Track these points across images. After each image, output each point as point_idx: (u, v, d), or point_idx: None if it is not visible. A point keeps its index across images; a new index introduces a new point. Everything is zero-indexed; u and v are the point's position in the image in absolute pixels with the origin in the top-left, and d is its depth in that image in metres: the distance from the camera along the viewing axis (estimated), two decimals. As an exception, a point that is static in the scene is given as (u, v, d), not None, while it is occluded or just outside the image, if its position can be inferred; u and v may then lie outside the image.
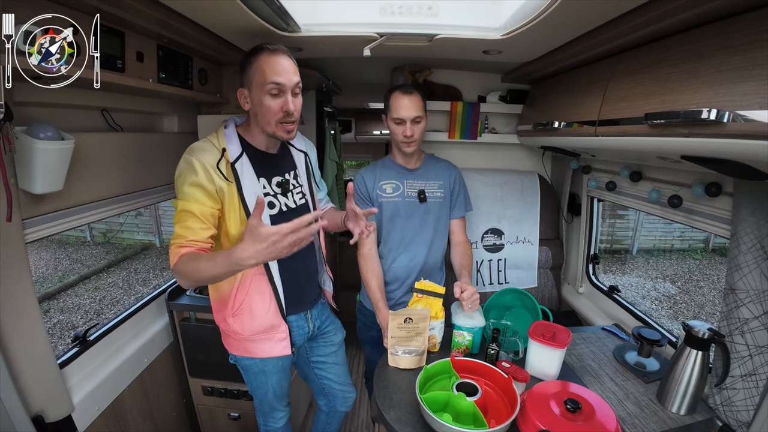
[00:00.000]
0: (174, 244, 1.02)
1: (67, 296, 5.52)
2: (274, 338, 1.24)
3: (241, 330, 1.22)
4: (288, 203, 1.23)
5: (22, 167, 0.96)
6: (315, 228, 0.89)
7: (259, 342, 1.24)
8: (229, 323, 1.22)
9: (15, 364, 1.01)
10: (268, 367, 1.29)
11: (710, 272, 6.60)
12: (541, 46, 1.37)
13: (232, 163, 1.09)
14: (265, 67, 1.05)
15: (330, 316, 1.49)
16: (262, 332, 1.23)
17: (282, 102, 1.07)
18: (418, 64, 1.93)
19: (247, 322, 1.21)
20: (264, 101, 1.07)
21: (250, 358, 1.27)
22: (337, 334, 1.50)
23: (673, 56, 0.96)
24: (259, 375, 1.31)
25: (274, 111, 1.07)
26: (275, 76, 1.04)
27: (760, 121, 0.71)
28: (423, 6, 1.25)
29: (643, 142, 1.03)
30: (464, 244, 1.58)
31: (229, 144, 1.11)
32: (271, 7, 1.06)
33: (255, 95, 1.08)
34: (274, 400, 1.39)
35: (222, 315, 1.24)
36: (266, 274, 1.19)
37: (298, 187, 1.28)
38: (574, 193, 2.03)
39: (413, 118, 1.40)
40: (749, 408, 1.04)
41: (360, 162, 8.02)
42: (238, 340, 1.25)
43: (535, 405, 1.01)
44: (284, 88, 1.06)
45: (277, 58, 1.06)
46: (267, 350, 1.25)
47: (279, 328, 1.24)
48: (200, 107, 1.77)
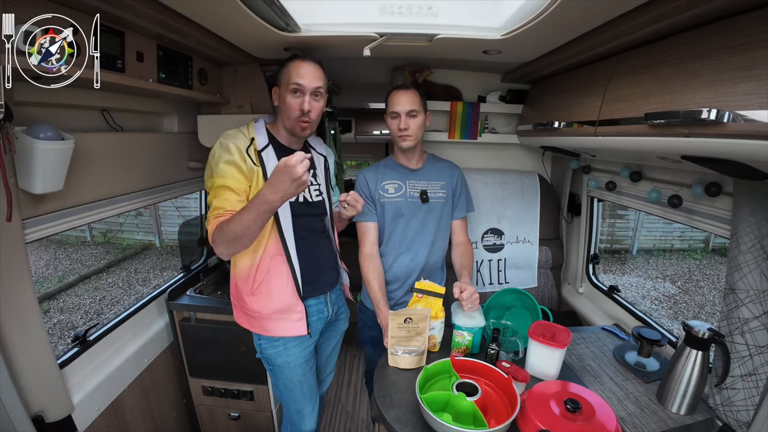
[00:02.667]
0: (212, 216, 1.12)
1: (67, 296, 5.51)
2: (291, 318, 1.29)
3: (260, 309, 1.27)
4: (306, 196, 1.31)
5: (22, 167, 0.96)
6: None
7: (276, 321, 1.29)
8: (248, 302, 1.28)
9: (15, 364, 1.01)
10: (292, 356, 1.32)
11: (710, 272, 6.59)
12: (541, 46, 1.37)
13: (259, 150, 1.21)
14: (293, 69, 1.20)
15: (344, 305, 1.55)
16: (279, 312, 1.28)
17: (300, 101, 1.20)
18: (418, 64, 1.93)
19: (265, 302, 1.27)
20: (286, 98, 1.20)
21: (272, 344, 1.31)
22: (345, 321, 1.56)
23: (673, 56, 0.96)
24: (284, 369, 1.34)
25: (293, 108, 1.20)
26: (298, 78, 1.18)
27: (760, 121, 0.71)
28: (423, 6, 1.25)
29: (643, 142, 1.03)
30: (465, 244, 1.58)
31: (258, 135, 1.23)
32: (271, 7, 1.06)
33: (282, 93, 1.23)
34: (302, 401, 1.39)
35: (241, 294, 1.30)
36: (285, 254, 1.25)
37: (316, 185, 1.36)
38: (574, 193, 2.03)
39: (408, 111, 1.41)
40: (749, 408, 1.04)
41: (360, 162, 8.03)
42: (257, 318, 1.30)
43: (535, 405, 1.01)
44: (304, 90, 1.19)
45: (304, 63, 1.20)
46: (284, 329, 1.29)
47: (296, 309, 1.29)
48: (200, 107, 1.77)
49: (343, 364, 2.89)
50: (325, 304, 1.39)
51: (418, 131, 1.45)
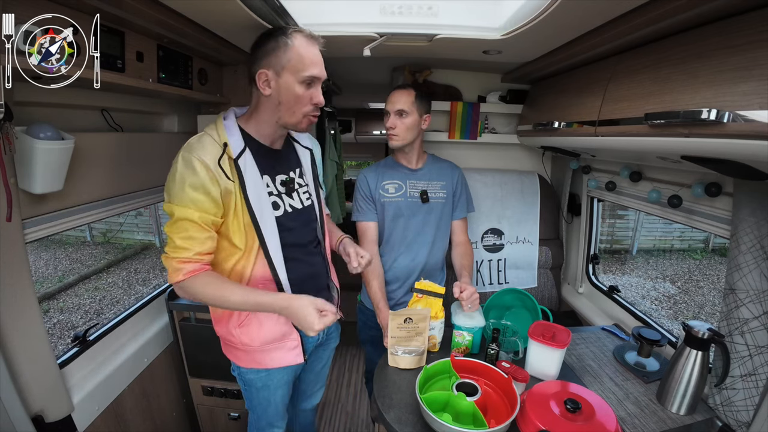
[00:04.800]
0: (174, 259, 0.95)
1: (66, 296, 5.51)
2: (285, 346, 1.16)
3: (250, 341, 1.13)
4: (294, 204, 1.14)
5: (22, 167, 0.96)
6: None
7: (270, 352, 1.16)
8: (235, 335, 1.13)
9: (15, 364, 1.01)
10: (274, 381, 1.21)
11: (710, 272, 6.60)
12: (541, 46, 1.37)
13: (235, 159, 0.99)
14: (305, 53, 0.98)
15: (335, 322, 1.46)
16: (273, 342, 1.15)
17: (314, 93, 1.02)
18: (418, 64, 1.93)
19: (256, 333, 1.12)
20: (296, 89, 0.99)
21: (255, 372, 1.19)
22: (335, 339, 1.45)
23: (673, 56, 0.96)
24: (262, 390, 1.23)
25: (305, 101, 1.01)
26: (314, 68, 0.99)
27: (760, 121, 0.71)
28: (423, 6, 1.25)
29: (643, 142, 1.03)
30: (465, 244, 1.58)
31: (230, 137, 1.00)
32: (271, 7, 1.06)
33: (285, 81, 0.99)
34: (274, 416, 1.29)
35: (225, 327, 1.14)
36: (273, 279, 1.09)
37: (304, 186, 1.20)
38: (574, 193, 2.03)
39: (396, 110, 1.40)
40: (749, 408, 1.04)
41: (360, 162, 8.02)
42: (246, 352, 1.16)
43: (535, 405, 1.01)
44: (317, 82, 1.02)
45: (316, 49, 1.02)
46: (278, 359, 1.17)
47: (290, 336, 1.16)
48: (200, 107, 1.77)
49: (343, 364, 2.89)
50: None
51: (406, 132, 1.43)
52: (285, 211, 1.11)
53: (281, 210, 1.11)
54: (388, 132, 1.45)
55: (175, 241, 0.95)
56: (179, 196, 0.94)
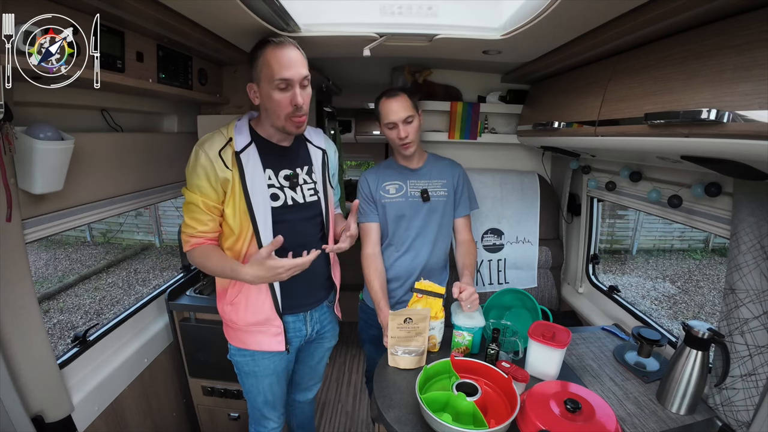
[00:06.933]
0: (185, 233, 1.13)
1: (66, 296, 5.51)
2: (268, 332, 1.24)
3: (237, 319, 1.23)
4: (296, 197, 1.20)
5: (22, 167, 0.96)
6: (313, 257, 1.07)
7: (253, 333, 1.24)
8: (226, 311, 1.24)
9: (15, 364, 1.01)
10: (260, 368, 1.28)
11: (710, 272, 6.60)
12: (541, 47, 1.37)
13: (237, 152, 1.11)
14: (272, 61, 1.04)
15: (332, 321, 1.46)
16: (256, 324, 1.23)
17: (291, 95, 1.07)
18: (418, 64, 1.93)
19: (242, 313, 1.22)
20: (273, 95, 1.07)
21: (242, 353, 1.27)
22: (330, 339, 1.48)
23: (673, 56, 0.96)
24: (250, 376, 1.30)
25: (283, 105, 1.07)
26: (283, 71, 1.04)
27: (760, 121, 0.71)
28: (423, 6, 1.25)
29: (643, 142, 1.03)
30: (468, 242, 1.57)
31: (237, 134, 1.13)
32: (271, 7, 1.06)
33: (264, 90, 1.08)
34: (264, 407, 1.36)
35: (221, 304, 1.27)
36: None
37: (310, 183, 1.25)
38: (574, 193, 2.03)
39: (404, 119, 1.39)
40: (749, 408, 1.04)
41: (360, 162, 8.03)
42: (233, 329, 1.27)
43: (534, 405, 1.01)
44: (292, 83, 1.06)
45: (284, 51, 1.05)
46: (260, 342, 1.24)
47: (273, 323, 1.23)
48: (200, 107, 1.77)
49: (343, 364, 2.89)
50: (303, 323, 1.31)
51: (416, 135, 1.44)
52: (285, 203, 1.19)
53: (281, 201, 1.18)
54: (402, 143, 1.42)
55: (185, 216, 1.13)
56: (189, 182, 1.11)
